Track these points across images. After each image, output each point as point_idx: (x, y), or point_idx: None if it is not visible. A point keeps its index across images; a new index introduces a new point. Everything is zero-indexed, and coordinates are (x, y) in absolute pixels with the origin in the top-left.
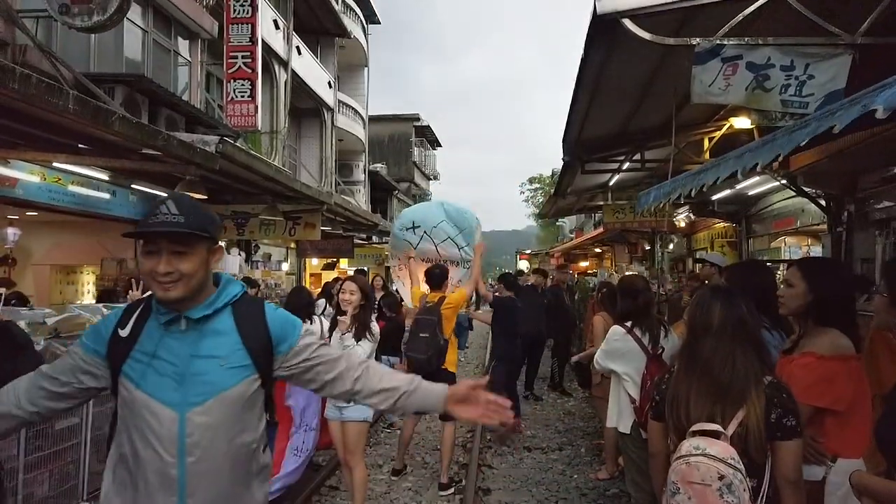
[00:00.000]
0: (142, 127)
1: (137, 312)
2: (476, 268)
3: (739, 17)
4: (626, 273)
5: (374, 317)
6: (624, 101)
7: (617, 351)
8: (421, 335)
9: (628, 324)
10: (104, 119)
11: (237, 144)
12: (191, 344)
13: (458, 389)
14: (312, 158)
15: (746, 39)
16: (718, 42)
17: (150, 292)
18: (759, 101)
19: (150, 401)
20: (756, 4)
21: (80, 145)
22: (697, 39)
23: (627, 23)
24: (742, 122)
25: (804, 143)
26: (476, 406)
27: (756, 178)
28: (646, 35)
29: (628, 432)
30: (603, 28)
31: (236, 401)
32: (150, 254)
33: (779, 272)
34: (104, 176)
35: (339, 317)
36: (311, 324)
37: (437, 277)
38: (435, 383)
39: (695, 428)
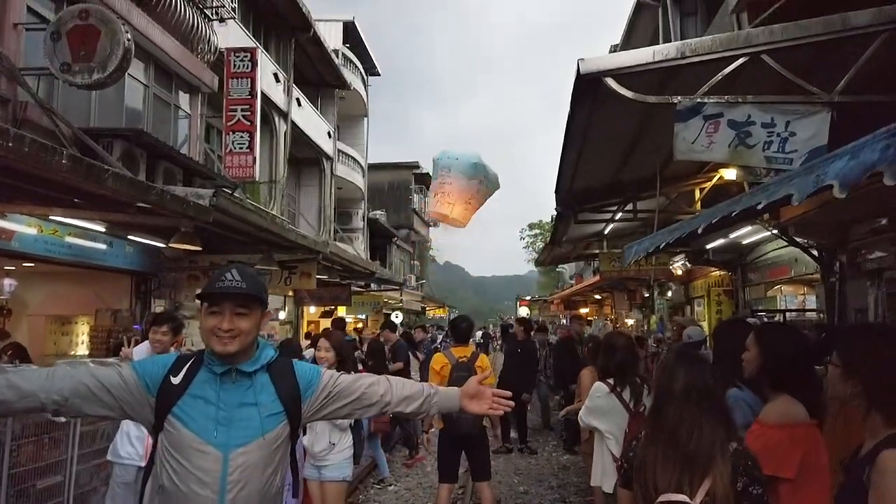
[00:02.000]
0: (135, 182)
1: (189, 364)
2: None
3: (719, 76)
4: (617, 325)
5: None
6: (613, 154)
7: (600, 408)
8: None
9: (611, 381)
10: (97, 176)
11: (234, 195)
12: (238, 393)
13: (468, 388)
14: (311, 207)
15: (727, 98)
16: (699, 100)
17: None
18: (743, 157)
19: (197, 440)
20: (735, 64)
21: (75, 199)
22: (679, 98)
23: (610, 82)
24: (732, 174)
25: (761, 206)
26: (484, 400)
27: (748, 228)
28: (628, 93)
29: (611, 492)
30: (587, 86)
31: (271, 444)
32: (214, 314)
33: (775, 320)
34: (101, 228)
35: None
36: None
37: (463, 331)
38: (448, 387)
39: (662, 499)
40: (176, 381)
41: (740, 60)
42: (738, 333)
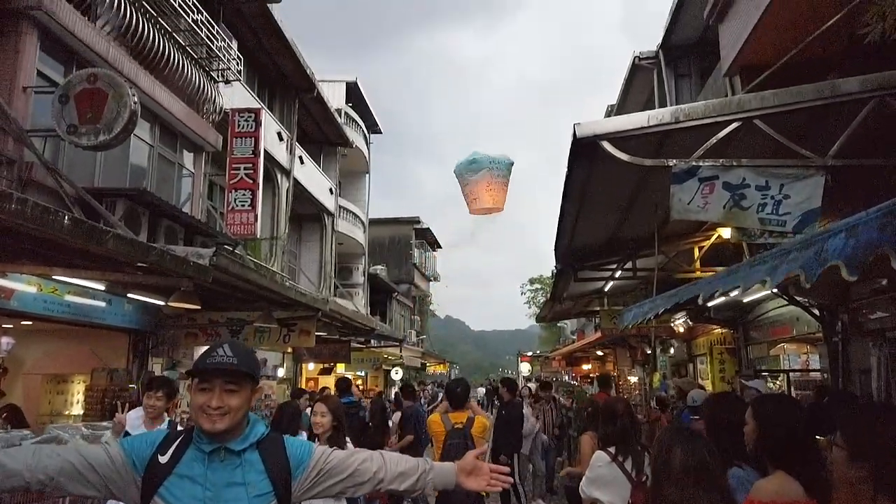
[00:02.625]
0: (135, 243)
1: (177, 443)
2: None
3: (714, 139)
4: (619, 383)
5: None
6: (611, 213)
7: (601, 479)
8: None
9: (612, 449)
10: (98, 237)
11: (235, 252)
12: (226, 472)
13: (465, 463)
14: (312, 262)
15: (721, 161)
16: (694, 163)
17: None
18: (737, 219)
19: None
20: (728, 129)
21: (76, 259)
22: (674, 161)
23: (606, 145)
24: (728, 234)
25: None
26: (482, 476)
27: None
28: (624, 156)
29: None
30: (583, 149)
31: None
32: (204, 390)
33: (778, 381)
34: (100, 286)
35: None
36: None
37: (458, 396)
38: (444, 462)
39: None
40: (164, 459)
41: (733, 125)
42: (729, 407)
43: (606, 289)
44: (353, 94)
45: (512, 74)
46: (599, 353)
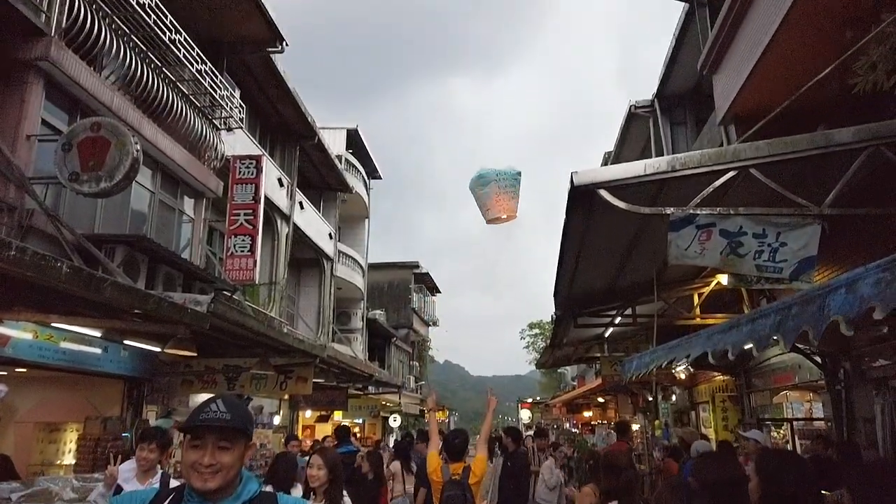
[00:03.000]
0: (133, 291)
1: (167, 502)
2: (487, 425)
3: (710, 188)
4: (623, 428)
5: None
6: (610, 260)
7: None
8: None
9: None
10: (96, 285)
11: (233, 297)
12: None
13: None
14: (310, 307)
15: (718, 209)
16: (692, 212)
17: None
18: (734, 265)
19: None
20: (724, 178)
21: (74, 307)
22: (671, 209)
23: (604, 193)
24: (726, 279)
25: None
26: None
27: None
28: (622, 204)
29: None
30: (581, 197)
31: None
32: (196, 447)
33: (781, 430)
34: (96, 333)
35: (308, 499)
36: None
37: (457, 448)
38: None
39: None
40: None
41: (729, 174)
42: (719, 469)
43: (606, 335)
44: (354, 140)
45: (510, 122)
46: (600, 399)
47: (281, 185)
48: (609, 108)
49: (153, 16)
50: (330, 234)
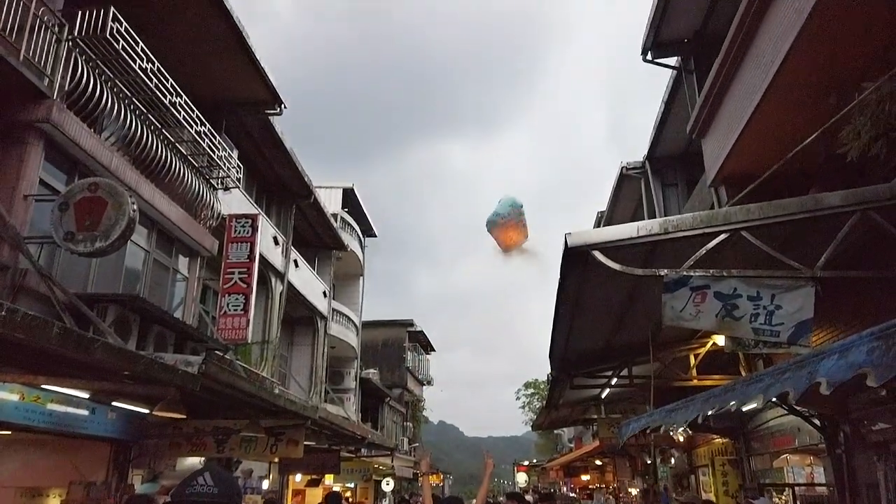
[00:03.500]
0: (123, 353)
1: None
2: (483, 489)
3: (703, 250)
4: (619, 497)
5: None
6: (605, 320)
7: None
8: None
9: None
10: (86, 347)
11: (225, 357)
12: None
13: None
14: (303, 367)
15: (712, 271)
16: (685, 273)
17: None
18: (731, 328)
19: None
20: (717, 240)
21: (63, 368)
22: (665, 271)
23: (597, 254)
24: (723, 340)
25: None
26: None
27: None
28: (616, 266)
29: None
30: (575, 258)
31: None
32: None
33: (783, 496)
34: (85, 394)
35: None
36: None
37: None
38: None
39: None
40: None
41: (721, 237)
42: None
43: (603, 396)
44: (350, 199)
45: (504, 181)
46: (598, 462)
47: (276, 243)
48: (601, 167)
49: (154, 79)
50: (324, 292)
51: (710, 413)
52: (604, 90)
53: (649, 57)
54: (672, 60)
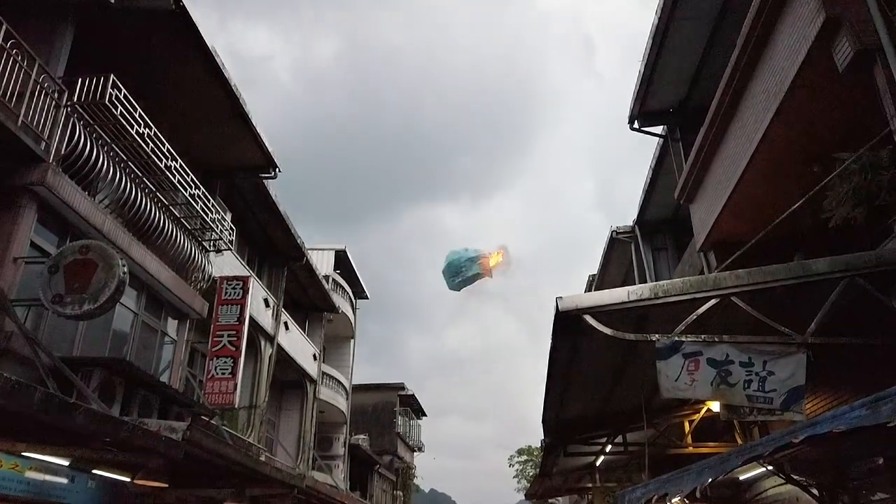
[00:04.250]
0: (106, 419)
1: None
2: None
3: (693, 315)
4: None
5: None
6: (598, 385)
7: None
8: None
9: None
10: (68, 412)
11: (211, 423)
12: None
13: None
14: (291, 432)
15: (703, 336)
16: (677, 339)
17: None
18: (726, 395)
19: None
20: (707, 305)
21: (44, 435)
22: (657, 336)
23: (589, 319)
24: (718, 407)
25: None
26: None
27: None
28: (607, 330)
29: None
30: (566, 322)
31: None
32: None
33: None
34: (65, 461)
35: None
36: None
37: None
38: None
39: None
40: None
41: (711, 302)
42: None
43: (598, 463)
44: (342, 261)
45: (495, 245)
46: None
47: (267, 305)
48: (590, 232)
49: (151, 144)
50: (314, 355)
51: (708, 482)
52: (592, 158)
53: (636, 126)
54: (658, 129)
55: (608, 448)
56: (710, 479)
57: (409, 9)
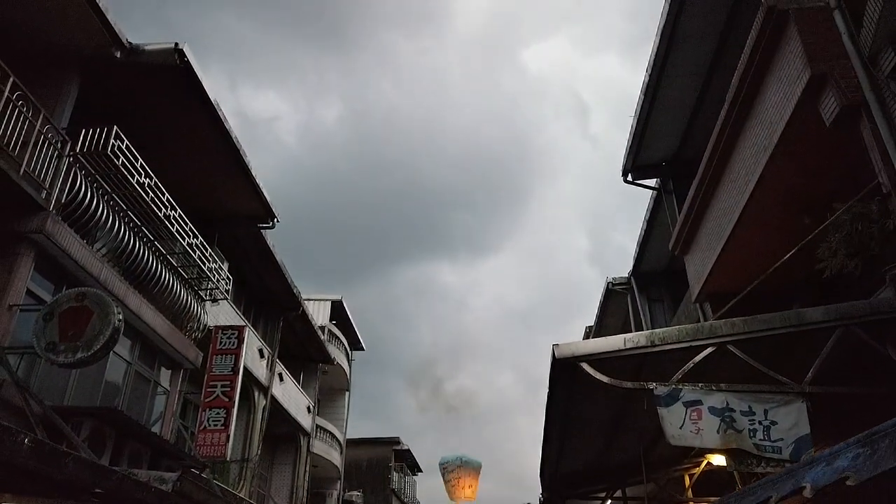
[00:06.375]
0: (95, 467)
1: None
2: None
3: (690, 364)
4: None
5: None
6: (596, 436)
7: None
8: None
9: None
10: (57, 460)
11: (202, 476)
12: None
13: None
14: (283, 487)
15: (701, 385)
16: (675, 387)
17: None
18: (735, 441)
19: None
20: (704, 353)
21: (30, 485)
22: (654, 384)
23: (585, 366)
24: (719, 460)
25: None
26: None
27: None
28: (604, 378)
29: None
30: (563, 370)
31: None
32: None
33: None
34: None
35: None
36: None
37: None
38: None
39: None
40: None
41: (708, 350)
42: None
43: None
44: (338, 312)
45: (491, 298)
46: None
47: (262, 356)
48: (585, 285)
49: (151, 193)
50: (308, 408)
51: None
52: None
53: (629, 179)
54: (652, 181)
55: (608, 502)
56: None
57: (409, 71)
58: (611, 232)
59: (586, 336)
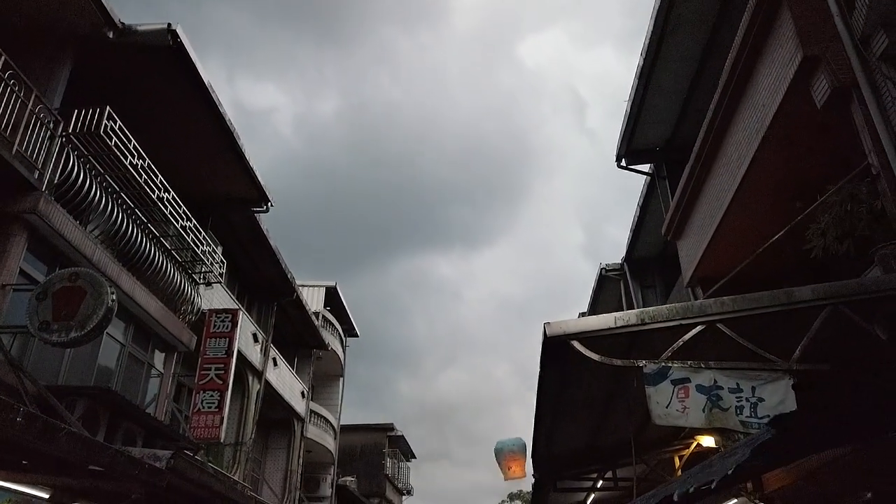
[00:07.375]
0: (88, 442)
1: None
2: None
3: (680, 342)
4: None
5: None
6: (587, 416)
7: None
8: None
9: None
10: (51, 435)
11: (196, 457)
12: None
13: None
14: (277, 471)
15: (690, 363)
16: (664, 364)
17: None
18: (720, 420)
19: None
20: (693, 332)
21: (23, 461)
22: (644, 361)
23: (576, 344)
24: (708, 441)
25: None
26: None
27: (734, 501)
28: (595, 356)
29: None
30: (555, 349)
31: None
32: None
33: None
34: (44, 494)
35: None
36: None
37: None
38: None
39: None
40: None
41: (697, 328)
42: None
43: (589, 501)
44: (332, 298)
45: (486, 290)
46: None
47: (255, 340)
48: (580, 277)
49: (144, 175)
50: (303, 393)
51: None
52: (583, 209)
53: (623, 164)
54: (646, 167)
55: (599, 484)
56: (692, 486)
57: (407, 67)
58: (605, 225)
59: None
